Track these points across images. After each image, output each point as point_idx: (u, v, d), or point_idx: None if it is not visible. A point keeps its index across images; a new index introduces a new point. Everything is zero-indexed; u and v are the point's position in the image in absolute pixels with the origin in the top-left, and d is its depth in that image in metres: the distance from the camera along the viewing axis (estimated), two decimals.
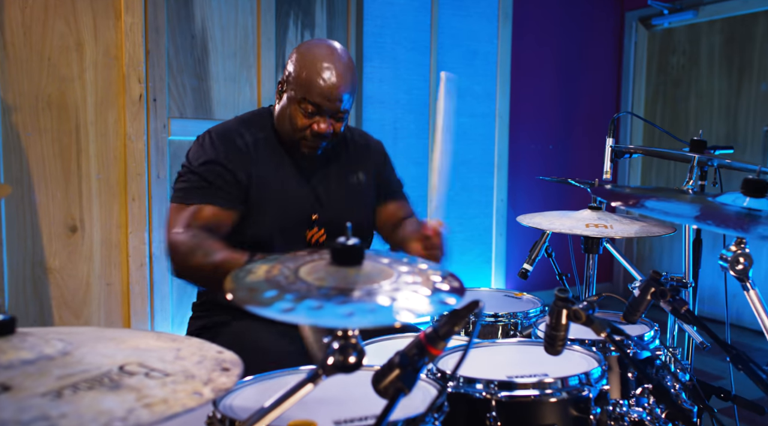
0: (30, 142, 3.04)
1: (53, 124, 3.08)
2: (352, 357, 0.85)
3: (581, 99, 5.02)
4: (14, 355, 0.82)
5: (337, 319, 0.73)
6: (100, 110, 3.18)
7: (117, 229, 3.27)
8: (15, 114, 3.00)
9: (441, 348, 0.89)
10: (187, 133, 3.39)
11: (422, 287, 0.82)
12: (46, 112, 3.06)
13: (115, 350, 0.91)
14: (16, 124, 3.00)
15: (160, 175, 3.32)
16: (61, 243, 3.13)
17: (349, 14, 3.92)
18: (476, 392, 1.15)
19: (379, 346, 1.59)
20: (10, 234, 3.00)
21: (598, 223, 1.66)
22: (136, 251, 3.29)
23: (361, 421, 0.97)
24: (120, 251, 3.28)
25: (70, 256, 3.16)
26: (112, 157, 3.22)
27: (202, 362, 0.92)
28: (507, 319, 1.97)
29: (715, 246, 3.72)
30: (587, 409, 1.11)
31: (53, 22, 3.05)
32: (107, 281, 3.26)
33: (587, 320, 1.03)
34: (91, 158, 3.17)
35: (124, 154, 3.24)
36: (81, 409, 0.71)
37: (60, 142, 3.10)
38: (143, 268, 3.32)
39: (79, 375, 0.80)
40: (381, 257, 0.90)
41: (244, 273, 0.83)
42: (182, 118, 3.39)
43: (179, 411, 0.75)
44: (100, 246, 3.23)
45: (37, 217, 3.07)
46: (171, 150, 3.36)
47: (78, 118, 3.13)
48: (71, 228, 3.16)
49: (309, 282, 0.78)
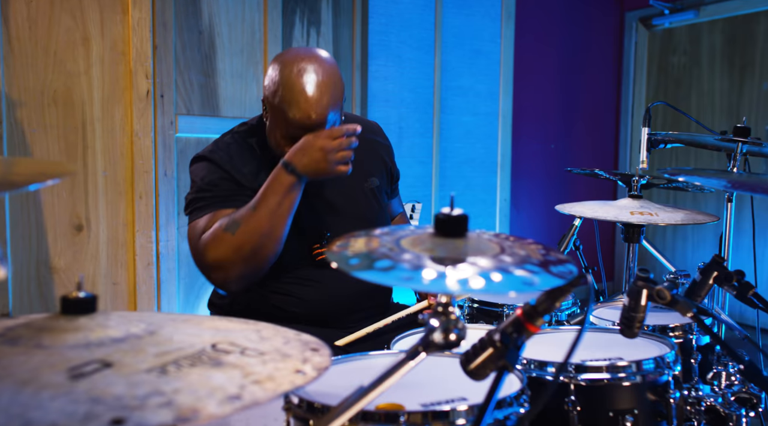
0: (35, 139, 2.97)
1: (59, 120, 3.01)
2: (453, 334, 0.81)
3: (582, 99, 5.04)
4: (102, 333, 0.78)
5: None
6: (107, 106, 3.12)
7: (123, 228, 3.20)
8: (20, 110, 2.93)
9: (539, 325, 0.86)
10: (194, 130, 3.34)
11: (533, 259, 0.79)
12: (52, 108, 2.99)
13: (198, 330, 0.87)
14: (21, 120, 2.93)
15: (167, 172, 3.27)
16: (66, 242, 3.06)
17: (354, 12, 3.89)
18: (547, 375, 1.12)
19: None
20: (15, 233, 2.92)
21: (643, 210, 1.64)
22: (143, 250, 3.23)
23: (447, 403, 0.94)
24: (126, 250, 3.22)
25: (75, 255, 3.09)
26: (118, 154, 3.16)
27: (289, 342, 0.89)
28: None
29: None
30: (665, 394, 1.09)
31: (59, 16, 2.99)
32: (113, 281, 3.19)
33: (672, 300, 1.00)
34: (97, 155, 3.11)
35: (131, 151, 3.19)
36: (193, 385, 0.68)
37: (66, 139, 3.03)
38: (150, 268, 3.26)
39: (175, 352, 0.76)
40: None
41: (343, 246, 0.79)
42: (189, 114, 3.34)
43: (289, 388, 0.72)
44: (106, 245, 3.16)
45: (42, 215, 3.00)
46: (178, 147, 3.30)
47: (84, 114, 3.07)
48: (77, 226, 3.09)
49: (418, 253, 0.75)
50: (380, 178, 1.94)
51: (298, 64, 1.63)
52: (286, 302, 1.80)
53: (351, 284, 1.67)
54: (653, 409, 1.09)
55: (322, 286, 1.79)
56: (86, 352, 0.73)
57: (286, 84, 1.62)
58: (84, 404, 0.61)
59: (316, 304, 1.79)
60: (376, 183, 1.90)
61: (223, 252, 1.61)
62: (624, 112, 5.13)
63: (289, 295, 1.80)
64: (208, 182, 1.74)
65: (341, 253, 0.78)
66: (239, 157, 1.78)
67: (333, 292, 1.80)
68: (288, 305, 1.80)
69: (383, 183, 1.96)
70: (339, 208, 1.84)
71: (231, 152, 1.78)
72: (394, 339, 1.54)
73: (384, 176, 1.97)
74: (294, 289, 1.80)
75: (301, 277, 1.80)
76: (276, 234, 1.63)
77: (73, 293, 0.82)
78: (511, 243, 0.84)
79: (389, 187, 2.02)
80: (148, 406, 0.62)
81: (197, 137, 3.36)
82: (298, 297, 1.80)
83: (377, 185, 1.91)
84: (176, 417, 0.61)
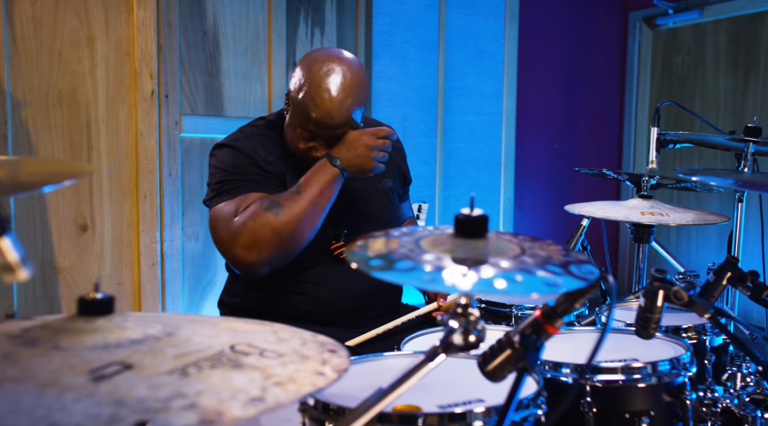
0: (40, 139, 2.96)
1: (63, 120, 3.00)
2: (472, 336, 0.81)
3: (585, 99, 5.03)
4: (120, 334, 0.77)
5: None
6: (112, 106, 3.11)
7: (128, 228, 3.20)
8: (25, 110, 2.93)
9: (558, 326, 0.86)
10: (198, 130, 3.33)
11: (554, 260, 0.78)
12: (57, 108, 2.99)
13: (216, 331, 0.87)
14: (25, 120, 2.93)
15: (172, 172, 3.26)
16: (71, 242, 3.06)
17: (358, 12, 3.89)
18: (561, 376, 1.11)
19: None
20: (20, 233, 2.92)
21: (653, 211, 1.63)
22: (148, 250, 3.22)
23: (464, 405, 0.94)
24: (131, 250, 3.21)
25: (80, 255, 3.08)
26: (123, 154, 3.16)
27: (306, 344, 0.88)
28: None
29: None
30: (681, 395, 1.08)
31: (64, 16, 2.98)
32: (118, 281, 3.19)
33: (689, 301, 0.99)
34: (102, 155, 3.10)
35: (135, 151, 3.18)
36: (215, 387, 0.67)
37: (70, 139, 3.03)
38: (154, 268, 3.25)
39: (194, 354, 0.76)
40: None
41: (362, 247, 0.79)
42: (194, 115, 3.33)
43: (311, 390, 0.72)
44: (111, 245, 3.16)
45: (46, 215, 2.99)
46: (183, 147, 3.30)
47: (89, 114, 3.06)
48: (81, 227, 3.09)
49: (439, 254, 0.75)
50: (394, 180, 1.96)
51: (326, 64, 1.66)
52: (302, 301, 1.80)
53: (364, 284, 1.67)
54: (669, 411, 1.09)
55: (336, 285, 1.80)
56: (105, 354, 0.72)
57: (312, 82, 1.65)
58: (108, 407, 0.60)
59: (330, 304, 1.79)
60: (390, 184, 1.93)
61: (261, 231, 1.61)
62: (628, 112, 5.12)
63: (305, 294, 1.81)
64: (234, 166, 1.75)
65: (361, 254, 0.77)
66: (262, 146, 1.80)
67: (347, 292, 1.80)
68: (303, 304, 1.80)
69: (396, 185, 1.98)
70: (356, 206, 1.86)
71: (254, 141, 1.80)
72: (404, 340, 1.53)
73: (397, 178, 1.99)
74: (310, 289, 1.80)
75: (317, 275, 1.80)
76: (314, 222, 1.66)
77: (91, 294, 0.81)
78: (531, 244, 0.84)
79: (402, 189, 2.04)
80: (172, 408, 0.61)
81: (202, 137, 3.35)
82: (314, 296, 1.80)
83: (390, 186, 1.93)
84: (201, 420, 0.60)
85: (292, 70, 3.63)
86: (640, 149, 5.12)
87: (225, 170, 1.76)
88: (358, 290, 1.79)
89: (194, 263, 3.39)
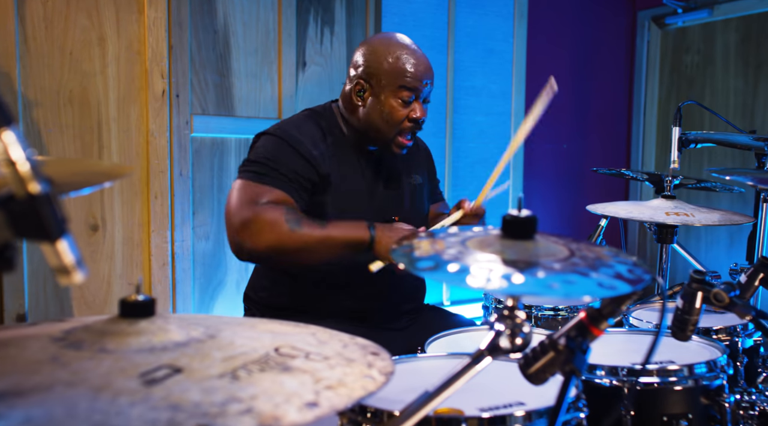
0: (51, 139, 2.95)
1: (75, 120, 2.99)
2: (519, 338, 0.80)
3: (594, 98, 5.01)
4: (165, 337, 0.76)
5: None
6: (123, 106, 3.10)
7: (139, 228, 3.19)
8: (36, 110, 2.92)
9: (603, 328, 0.84)
10: (209, 130, 3.32)
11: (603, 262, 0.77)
12: (68, 108, 2.98)
13: (256, 333, 0.86)
14: (37, 119, 2.92)
15: (183, 172, 3.25)
16: (82, 242, 3.04)
17: (367, 12, 3.88)
18: (596, 378, 1.10)
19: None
20: None
21: (678, 211, 1.62)
22: (159, 250, 3.21)
23: (506, 408, 0.92)
24: (142, 250, 3.20)
25: (91, 255, 3.07)
26: (134, 154, 3.15)
27: (348, 346, 0.87)
28: (567, 313, 1.94)
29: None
30: (718, 398, 1.07)
31: (75, 16, 2.97)
32: (129, 281, 3.18)
33: (730, 303, 0.98)
34: (113, 155, 3.09)
35: (146, 150, 3.17)
36: (267, 391, 0.66)
37: (82, 139, 3.02)
38: (165, 268, 3.24)
39: (241, 357, 0.75)
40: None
41: (409, 248, 0.77)
42: (204, 114, 3.32)
43: (362, 394, 0.71)
44: (122, 245, 3.15)
45: None
46: (194, 147, 3.29)
47: (100, 114, 3.05)
48: (92, 227, 3.08)
49: (488, 255, 0.73)
50: (422, 177, 1.98)
51: (391, 36, 1.84)
52: (329, 299, 1.80)
53: (392, 283, 1.68)
54: (707, 414, 1.08)
55: (363, 284, 1.79)
56: (152, 357, 0.71)
57: (394, 48, 1.79)
58: (164, 411, 0.59)
59: (357, 302, 1.80)
60: (419, 180, 1.95)
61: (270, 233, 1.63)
62: (636, 112, 5.10)
63: (334, 291, 1.81)
64: (274, 156, 1.77)
65: (409, 254, 0.76)
66: (309, 137, 1.82)
67: (374, 291, 1.80)
68: (330, 302, 1.80)
69: (425, 182, 2.00)
70: (402, 197, 1.89)
71: (302, 131, 1.81)
72: (428, 340, 1.53)
73: (425, 176, 2.02)
74: (338, 287, 1.81)
75: (346, 274, 1.80)
76: (317, 256, 1.68)
77: (132, 296, 0.80)
78: (577, 245, 0.83)
79: (430, 185, 2.07)
80: (229, 413, 0.60)
81: (212, 137, 3.34)
82: (342, 294, 1.80)
83: (420, 183, 1.96)
84: (259, 425, 0.59)
85: (302, 69, 3.64)
86: (648, 149, 5.10)
87: (266, 158, 1.78)
88: (385, 289, 1.80)
89: (205, 263, 3.38)
